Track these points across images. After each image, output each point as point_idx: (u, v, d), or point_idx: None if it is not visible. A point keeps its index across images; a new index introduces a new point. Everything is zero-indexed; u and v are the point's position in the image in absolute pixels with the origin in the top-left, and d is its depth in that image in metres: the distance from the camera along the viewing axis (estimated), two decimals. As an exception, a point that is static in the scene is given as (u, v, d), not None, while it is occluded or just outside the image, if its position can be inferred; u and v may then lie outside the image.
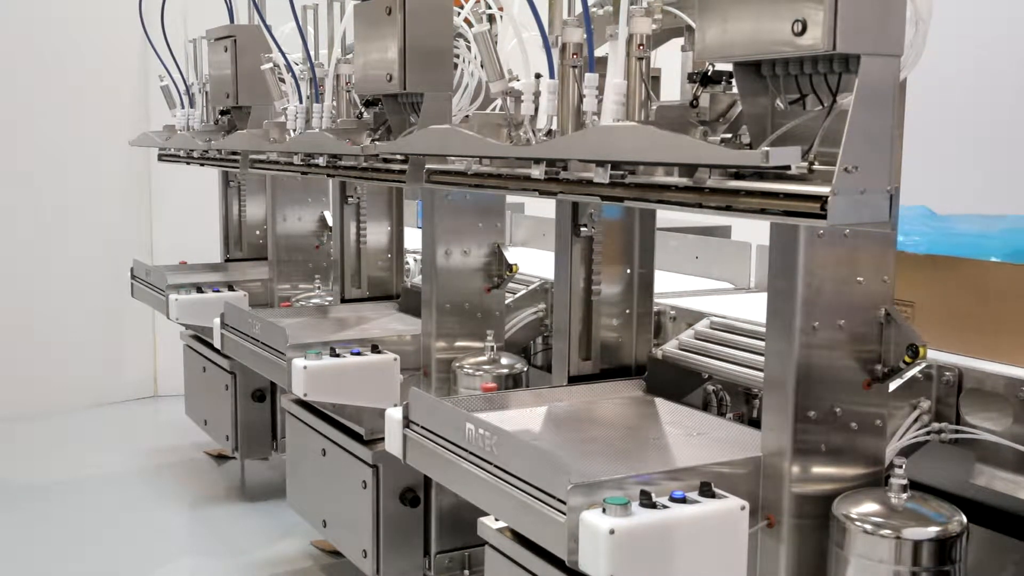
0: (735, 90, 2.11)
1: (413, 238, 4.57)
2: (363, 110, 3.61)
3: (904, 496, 2.14)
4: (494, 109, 3.06)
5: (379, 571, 3.68)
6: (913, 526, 2.08)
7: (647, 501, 2.00)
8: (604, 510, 1.95)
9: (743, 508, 2.08)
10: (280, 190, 5.31)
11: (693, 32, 2.20)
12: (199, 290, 5.06)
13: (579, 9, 2.33)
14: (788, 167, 1.83)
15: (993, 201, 4.50)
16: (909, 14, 1.92)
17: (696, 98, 2.23)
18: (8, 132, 6.79)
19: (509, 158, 2.59)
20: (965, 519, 2.14)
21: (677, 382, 3.04)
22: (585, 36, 2.33)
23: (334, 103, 3.61)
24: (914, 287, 2.66)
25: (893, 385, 2.34)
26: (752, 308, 3.18)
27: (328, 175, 3.74)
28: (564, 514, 1.98)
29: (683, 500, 2.05)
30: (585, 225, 3.01)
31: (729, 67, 2.11)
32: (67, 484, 5.63)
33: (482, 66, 2.76)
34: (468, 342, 3.64)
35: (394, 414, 2.67)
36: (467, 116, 3.04)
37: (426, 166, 2.99)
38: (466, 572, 3.69)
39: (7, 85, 5.27)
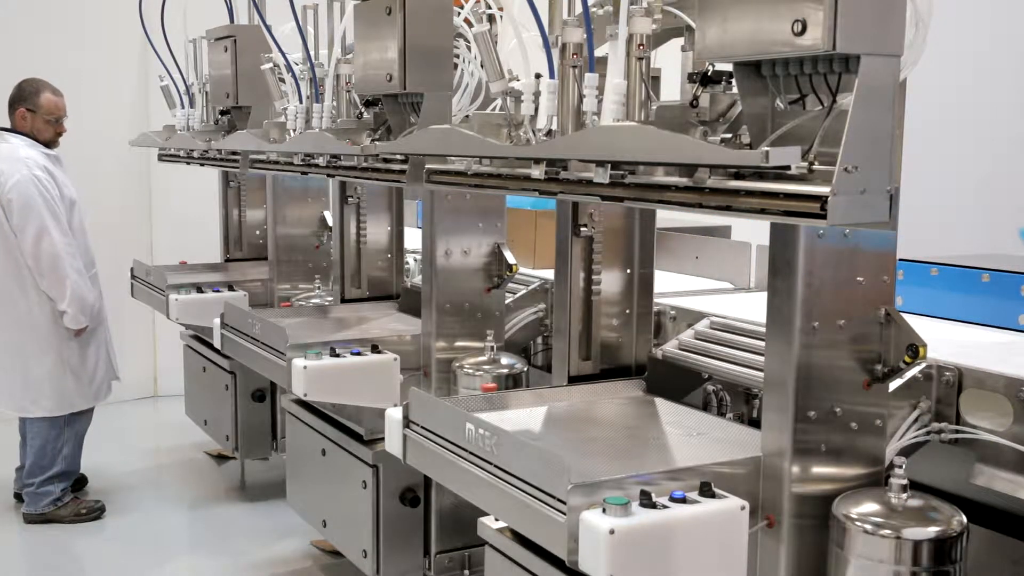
0: (735, 90, 2.11)
1: (413, 238, 4.57)
2: (363, 110, 3.61)
3: (904, 496, 2.14)
4: (494, 109, 3.06)
5: (379, 571, 3.68)
6: (913, 526, 2.08)
7: (647, 501, 2.00)
8: (604, 510, 1.95)
9: (743, 508, 2.08)
10: (280, 190, 5.31)
11: (693, 32, 2.20)
12: (199, 290, 5.06)
13: (579, 9, 2.32)
14: (788, 167, 1.83)
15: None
16: (909, 14, 1.92)
17: (696, 98, 2.23)
18: (8, 132, 6.78)
19: (509, 158, 2.59)
20: (965, 519, 2.14)
21: (677, 382, 3.04)
22: (585, 36, 2.33)
23: (334, 103, 3.60)
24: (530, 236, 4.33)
25: (893, 385, 2.34)
26: (752, 308, 3.18)
27: (328, 175, 3.73)
28: (564, 514, 1.98)
29: (683, 500, 2.05)
30: (585, 225, 3.01)
31: (729, 67, 2.11)
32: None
33: (482, 66, 2.76)
34: (468, 342, 3.64)
35: (394, 414, 2.67)
36: (467, 116, 3.04)
37: (426, 166, 2.99)
38: (466, 572, 3.69)
39: (7, 85, 5.28)
